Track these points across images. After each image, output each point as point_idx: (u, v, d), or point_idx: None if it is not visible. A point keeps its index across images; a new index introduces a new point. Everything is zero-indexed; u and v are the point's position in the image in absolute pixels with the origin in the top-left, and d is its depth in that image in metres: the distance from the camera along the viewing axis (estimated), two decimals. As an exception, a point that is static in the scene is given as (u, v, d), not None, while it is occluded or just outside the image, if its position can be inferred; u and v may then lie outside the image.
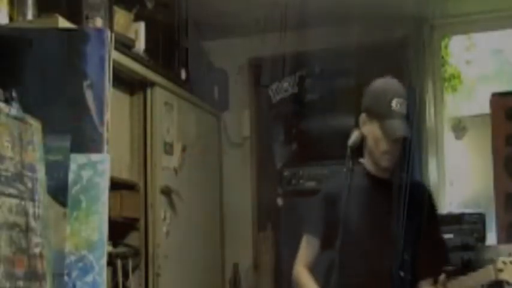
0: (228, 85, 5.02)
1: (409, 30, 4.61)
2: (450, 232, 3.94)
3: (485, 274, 2.50)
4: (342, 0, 4.26)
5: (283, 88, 4.91)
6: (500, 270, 2.43)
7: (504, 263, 2.41)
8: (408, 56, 4.66)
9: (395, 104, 2.55)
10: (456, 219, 3.98)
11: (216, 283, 4.73)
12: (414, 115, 4.45)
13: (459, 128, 4.68)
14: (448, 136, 4.68)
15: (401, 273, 2.58)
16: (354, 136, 2.63)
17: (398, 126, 2.55)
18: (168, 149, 4.07)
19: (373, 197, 2.66)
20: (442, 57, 4.74)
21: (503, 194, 3.94)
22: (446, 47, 4.79)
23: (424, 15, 4.56)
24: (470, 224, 3.93)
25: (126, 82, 3.84)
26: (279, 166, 4.79)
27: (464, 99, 4.85)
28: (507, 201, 3.92)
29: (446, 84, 4.77)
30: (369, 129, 2.67)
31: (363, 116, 2.68)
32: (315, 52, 4.73)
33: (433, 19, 4.60)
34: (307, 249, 2.78)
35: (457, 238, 3.90)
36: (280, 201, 4.70)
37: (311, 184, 4.53)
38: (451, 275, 2.62)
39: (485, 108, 4.17)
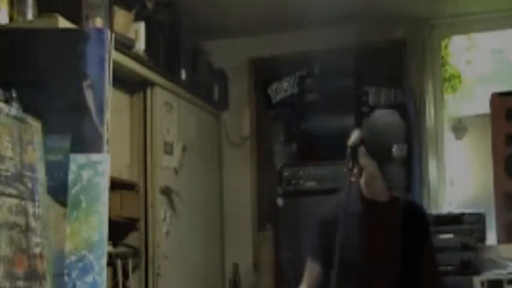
0: (227, 85, 5.02)
1: (409, 30, 4.62)
2: (450, 232, 3.94)
3: None
4: (342, 0, 4.25)
5: (283, 88, 4.91)
6: None
7: None
8: (408, 56, 4.66)
9: (395, 150, 2.54)
10: (456, 219, 3.98)
11: (216, 283, 4.73)
12: (414, 116, 4.48)
13: (459, 128, 4.68)
14: (448, 136, 4.68)
15: (403, 276, 2.63)
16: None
17: (397, 173, 2.57)
18: (168, 149, 4.06)
19: (369, 220, 2.70)
20: (442, 57, 4.74)
21: (503, 194, 3.94)
22: (446, 47, 4.79)
23: (424, 15, 4.56)
24: (471, 224, 3.93)
25: (126, 82, 3.83)
26: (279, 166, 4.79)
27: (464, 99, 4.85)
28: (507, 201, 3.92)
29: (446, 84, 4.77)
30: (368, 164, 2.66)
31: (362, 149, 2.64)
32: (315, 52, 4.73)
33: (433, 19, 4.60)
34: (308, 273, 2.86)
35: (457, 238, 3.90)
36: (280, 201, 4.70)
37: (311, 184, 4.53)
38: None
39: (485, 108, 4.17)
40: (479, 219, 3.97)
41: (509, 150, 3.95)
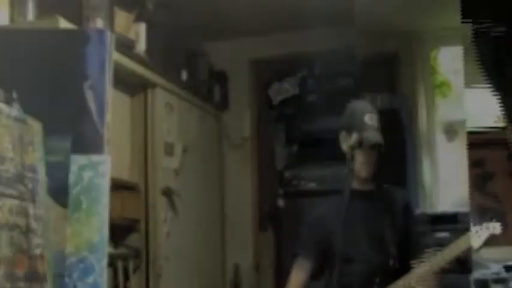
0: (228, 86, 5.02)
1: (400, 43, 4.68)
2: (445, 231, 3.96)
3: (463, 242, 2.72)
4: (341, 10, 4.26)
5: (284, 89, 4.91)
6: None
7: (476, 231, 2.72)
8: (401, 66, 4.73)
9: (368, 118, 2.81)
10: (451, 218, 4.01)
11: (216, 284, 4.73)
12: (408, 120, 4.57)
13: (451, 130, 4.74)
14: (440, 138, 4.73)
15: (391, 262, 2.76)
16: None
17: (372, 136, 2.77)
18: (169, 150, 4.06)
19: (360, 210, 2.80)
20: (432, 67, 4.81)
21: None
22: (435, 58, 4.86)
23: (414, 29, 4.63)
24: (465, 223, 3.95)
25: (126, 83, 3.83)
26: (280, 167, 4.79)
27: (454, 104, 4.92)
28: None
29: (437, 90, 4.85)
30: (356, 154, 2.85)
31: (342, 134, 2.88)
32: (316, 53, 4.73)
33: (422, 32, 4.68)
34: (300, 271, 2.91)
35: (452, 237, 3.91)
36: (281, 202, 4.70)
37: (312, 185, 4.53)
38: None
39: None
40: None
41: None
